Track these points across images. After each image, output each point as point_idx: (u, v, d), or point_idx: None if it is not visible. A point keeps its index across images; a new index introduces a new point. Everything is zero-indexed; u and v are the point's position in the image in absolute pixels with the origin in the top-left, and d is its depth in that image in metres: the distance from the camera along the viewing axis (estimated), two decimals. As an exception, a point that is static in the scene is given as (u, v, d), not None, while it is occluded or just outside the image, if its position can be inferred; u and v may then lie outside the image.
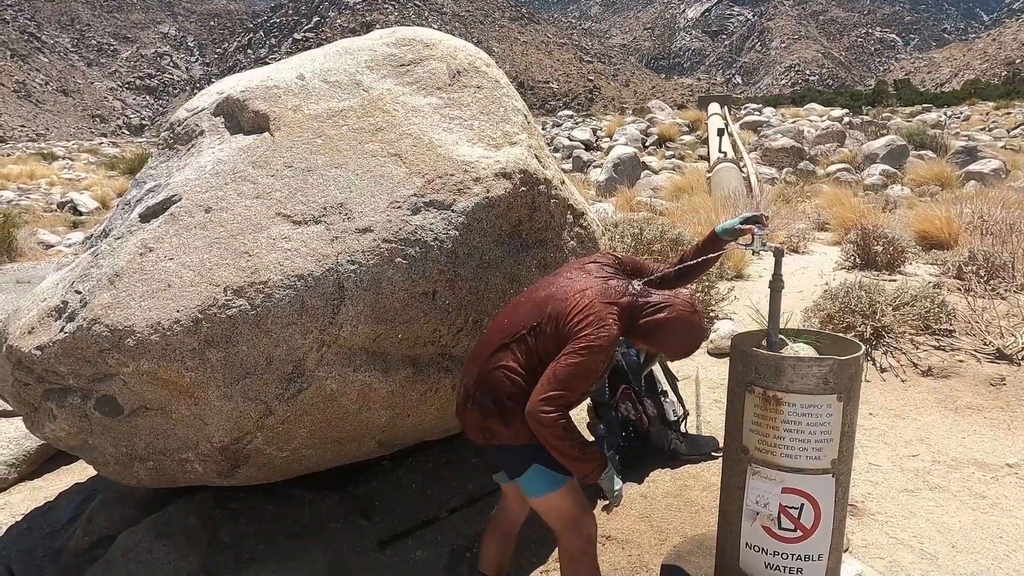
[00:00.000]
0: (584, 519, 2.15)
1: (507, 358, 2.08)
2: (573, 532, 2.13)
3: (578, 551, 2.15)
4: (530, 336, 2.08)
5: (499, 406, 2.06)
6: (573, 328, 2.01)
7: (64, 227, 13.72)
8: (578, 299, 2.06)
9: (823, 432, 2.10)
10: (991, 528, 2.88)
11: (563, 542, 2.16)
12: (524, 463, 2.07)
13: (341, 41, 3.29)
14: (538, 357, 2.05)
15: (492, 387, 2.08)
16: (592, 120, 29.77)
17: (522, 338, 2.09)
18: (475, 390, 2.11)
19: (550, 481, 2.08)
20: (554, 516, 2.14)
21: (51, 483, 3.75)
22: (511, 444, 2.07)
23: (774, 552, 2.18)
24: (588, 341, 1.97)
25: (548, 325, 2.06)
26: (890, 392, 4.06)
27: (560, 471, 2.07)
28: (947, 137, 19.04)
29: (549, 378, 1.97)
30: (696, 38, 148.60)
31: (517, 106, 3.08)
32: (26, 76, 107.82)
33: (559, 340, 2.02)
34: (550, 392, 1.95)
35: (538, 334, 2.07)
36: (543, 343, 2.06)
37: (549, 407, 1.93)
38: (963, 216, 7.01)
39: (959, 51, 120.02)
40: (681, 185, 12.52)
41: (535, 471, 2.07)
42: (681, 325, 2.13)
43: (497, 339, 2.14)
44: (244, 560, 2.86)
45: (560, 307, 2.07)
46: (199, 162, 2.81)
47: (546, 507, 2.13)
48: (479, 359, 2.16)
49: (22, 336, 2.61)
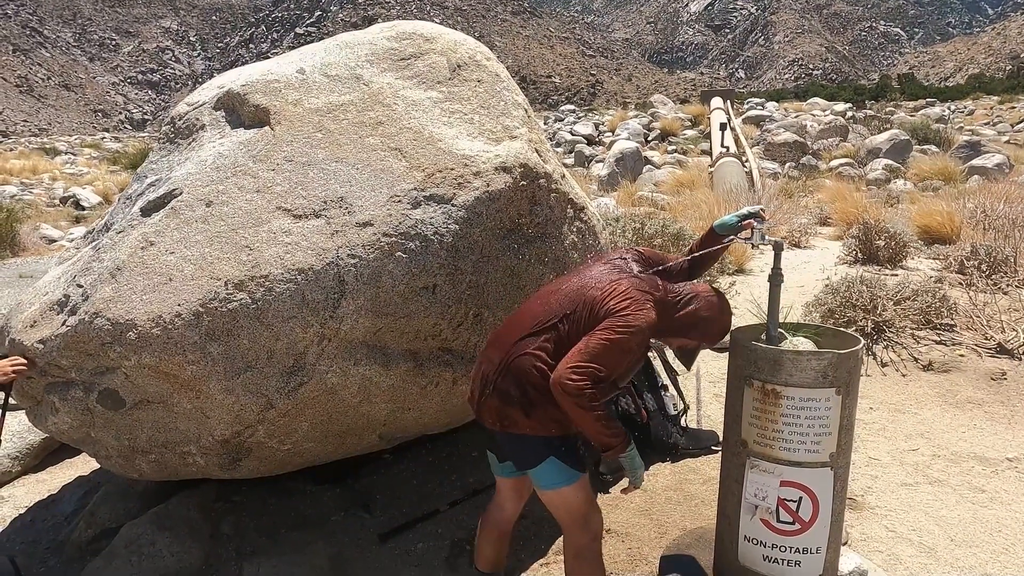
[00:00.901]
0: (593, 515, 2.14)
1: (535, 346, 2.04)
2: (582, 528, 2.12)
3: (585, 547, 2.13)
4: (562, 324, 2.05)
5: (523, 394, 2.02)
6: (612, 309, 1.99)
7: (67, 222, 13.75)
8: (614, 286, 2.06)
9: (821, 425, 2.11)
10: (990, 522, 2.88)
11: (570, 537, 2.15)
12: (539, 456, 2.04)
13: (342, 35, 3.28)
14: (568, 345, 2.01)
15: (517, 374, 2.03)
16: (594, 115, 29.68)
17: (553, 326, 2.06)
18: (496, 377, 2.07)
19: (564, 475, 2.06)
20: (564, 510, 2.11)
21: (54, 476, 3.77)
22: (528, 435, 2.03)
23: (772, 545, 2.19)
24: (626, 320, 1.97)
25: (583, 311, 2.04)
26: (890, 386, 4.06)
27: (574, 466, 2.07)
28: (951, 132, 18.96)
29: (580, 349, 1.94)
30: (699, 32, 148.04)
31: (517, 100, 3.08)
32: (28, 71, 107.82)
33: (593, 324, 2.00)
34: (579, 362, 1.91)
35: (571, 322, 2.04)
36: (575, 330, 2.03)
37: (577, 375, 1.90)
38: (966, 211, 6.99)
39: (963, 45, 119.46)
40: (683, 180, 12.49)
41: (550, 464, 2.04)
42: (713, 311, 2.17)
43: (524, 327, 2.10)
44: (246, 552, 2.87)
45: (595, 294, 2.06)
46: (200, 156, 2.82)
47: (557, 501, 2.10)
48: (502, 347, 2.11)
49: (24, 330, 2.62)
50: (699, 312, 2.15)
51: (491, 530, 2.39)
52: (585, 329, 2.01)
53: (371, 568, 2.80)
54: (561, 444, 2.05)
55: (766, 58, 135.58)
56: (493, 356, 2.12)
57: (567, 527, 2.14)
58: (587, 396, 1.90)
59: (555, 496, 2.09)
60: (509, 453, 2.16)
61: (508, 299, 2.84)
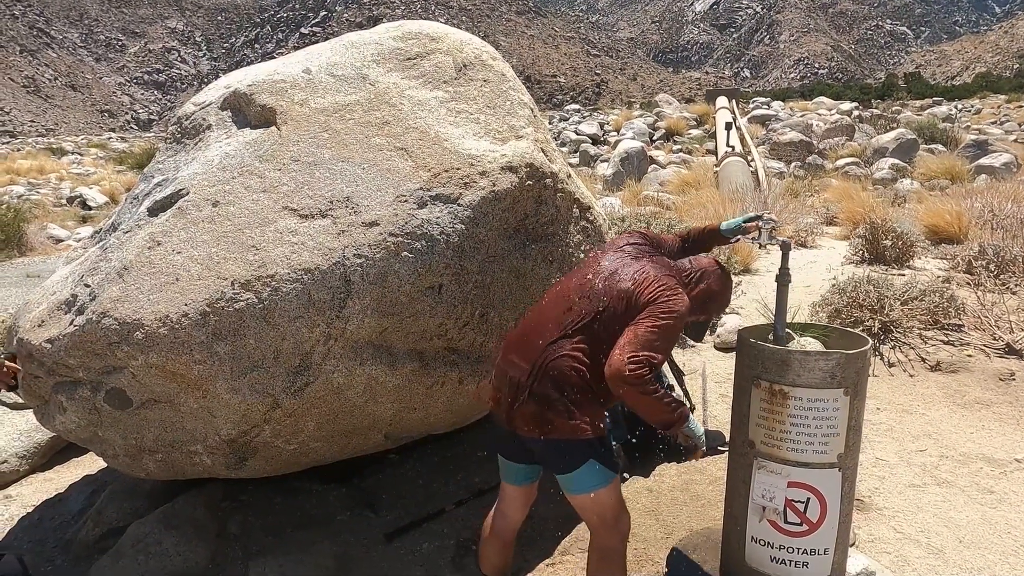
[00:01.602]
0: (623, 517, 2.13)
1: (570, 347, 2.02)
2: (613, 530, 2.10)
3: (612, 549, 2.12)
4: (595, 323, 2.03)
5: (564, 397, 1.99)
6: (651, 298, 2.00)
7: (73, 222, 13.81)
8: (643, 276, 2.07)
9: (829, 426, 2.10)
10: (999, 523, 2.86)
11: (599, 539, 2.12)
12: (581, 458, 2.01)
13: (348, 35, 3.29)
14: (602, 343, 1.99)
15: (557, 377, 2.00)
16: (599, 114, 29.64)
17: (586, 326, 2.04)
18: (531, 382, 2.02)
19: (602, 477, 2.04)
20: (597, 513, 2.08)
21: (62, 475, 3.78)
22: (569, 439, 2.00)
23: (780, 546, 2.18)
24: (668, 307, 1.99)
25: (617, 305, 2.03)
26: (898, 387, 4.04)
27: (611, 467, 2.06)
28: (958, 131, 18.86)
29: (630, 339, 1.93)
30: (704, 31, 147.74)
31: (523, 100, 3.07)
32: (35, 71, 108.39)
33: (633, 314, 2.00)
34: (634, 351, 1.90)
35: (605, 318, 2.03)
36: (612, 325, 2.01)
37: (635, 364, 1.88)
38: (973, 210, 6.95)
39: (970, 44, 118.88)
40: (688, 179, 12.44)
41: (589, 467, 2.01)
42: (722, 284, 2.28)
43: (551, 329, 2.07)
44: (252, 552, 2.88)
45: (627, 286, 2.06)
46: (206, 156, 2.82)
47: (591, 504, 2.07)
48: (529, 352, 2.07)
49: (32, 329, 2.64)
50: (711, 287, 2.24)
51: (495, 539, 2.36)
52: (623, 322, 2.00)
53: (377, 568, 2.80)
54: (600, 445, 2.04)
55: (771, 57, 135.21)
56: (520, 362, 2.08)
57: (597, 529, 2.12)
58: (647, 382, 1.90)
59: (590, 500, 2.06)
60: (546, 459, 2.10)
61: (514, 299, 2.83)
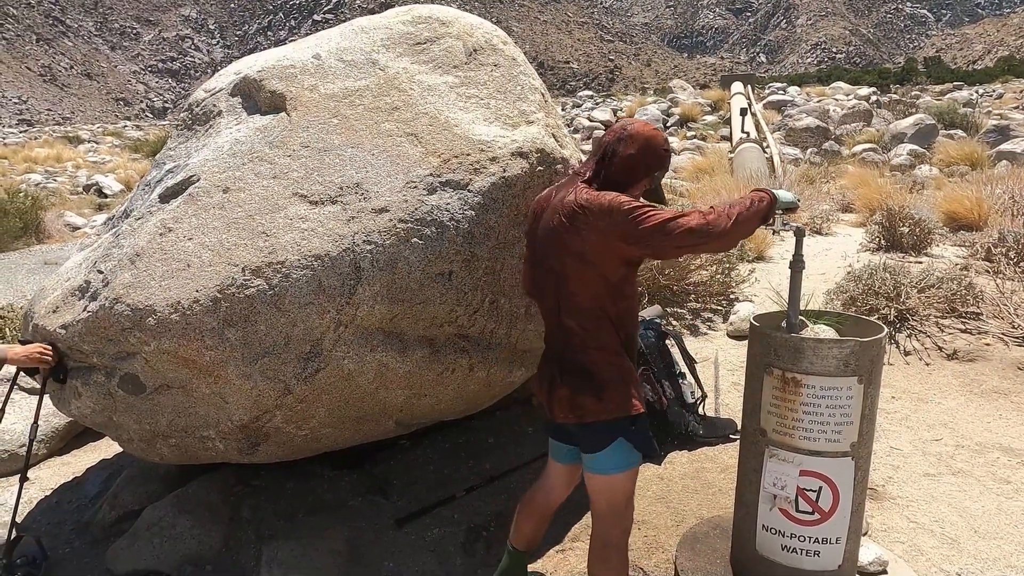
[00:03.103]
0: (629, 511, 2.12)
1: (578, 328, 2.02)
2: (618, 519, 2.10)
3: (614, 542, 2.11)
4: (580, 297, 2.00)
5: (587, 378, 2.00)
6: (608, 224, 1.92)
7: (90, 209, 13.95)
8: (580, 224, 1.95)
9: (843, 415, 2.07)
10: (1015, 514, 2.83)
11: (602, 528, 2.11)
12: (609, 438, 2.01)
13: (357, 20, 3.26)
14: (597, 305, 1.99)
15: (581, 361, 2.01)
16: (613, 100, 29.43)
17: (578, 305, 2.01)
18: (558, 371, 2.06)
19: (626, 459, 2.04)
20: (606, 499, 2.08)
21: (79, 459, 3.84)
22: (601, 420, 2.00)
23: (791, 535, 2.16)
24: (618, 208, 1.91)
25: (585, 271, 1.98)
26: (914, 375, 3.99)
27: (639, 447, 2.05)
28: (978, 116, 18.52)
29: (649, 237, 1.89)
30: (720, 16, 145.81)
31: (534, 84, 3.04)
32: (51, 60, 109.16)
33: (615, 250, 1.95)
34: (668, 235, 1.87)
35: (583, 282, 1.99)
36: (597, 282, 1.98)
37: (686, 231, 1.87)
38: (993, 197, 6.83)
39: (993, 26, 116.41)
40: (703, 166, 12.33)
41: (617, 446, 2.01)
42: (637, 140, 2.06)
43: (558, 315, 2.07)
44: (265, 535, 2.91)
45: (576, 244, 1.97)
46: (217, 142, 2.82)
47: (606, 486, 2.06)
48: (553, 341, 2.12)
49: (47, 315, 2.66)
50: (628, 153, 2.04)
51: (534, 512, 2.39)
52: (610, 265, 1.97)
53: (387, 552, 2.82)
54: (631, 423, 2.02)
55: (788, 42, 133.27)
56: (548, 353, 2.14)
57: (602, 516, 2.11)
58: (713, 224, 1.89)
59: (605, 482, 2.06)
60: (580, 439, 2.10)
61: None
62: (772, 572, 2.22)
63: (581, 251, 1.97)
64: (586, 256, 1.97)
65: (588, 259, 1.97)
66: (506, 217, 2.69)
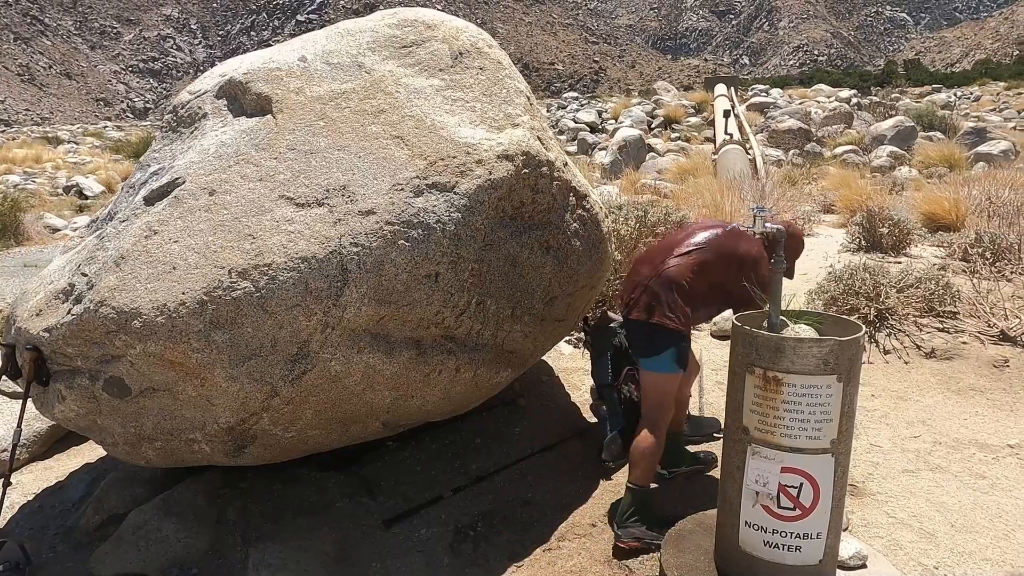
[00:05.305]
0: (672, 409, 2.82)
1: (685, 262, 2.72)
2: (664, 412, 2.76)
3: (660, 424, 2.74)
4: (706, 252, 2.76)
5: (670, 294, 2.67)
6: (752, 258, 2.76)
7: (70, 211, 13.76)
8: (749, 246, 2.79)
9: (823, 412, 2.12)
10: (991, 508, 2.90)
11: (652, 414, 2.75)
12: (666, 344, 2.68)
13: (343, 22, 3.28)
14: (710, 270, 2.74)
15: (670, 280, 2.69)
16: (597, 102, 29.51)
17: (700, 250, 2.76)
18: (649, 281, 2.72)
19: (676, 366, 2.71)
20: (659, 392, 2.74)
21: (62, 463, 3.80)
22: (665, 326, 2.65)
23: (773, 530, 2.20)
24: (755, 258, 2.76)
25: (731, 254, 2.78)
26: (893, 374, 4.07)
27: (682, 364, 2.73)
28: (956, 118, 18.83)
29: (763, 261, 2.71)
30: (703, 18, 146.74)
31: (520, 87, 3.07)
32: (30, 59, 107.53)
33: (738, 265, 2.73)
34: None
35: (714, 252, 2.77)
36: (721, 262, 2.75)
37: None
38: (971, 198, 6.96)
39: (970, 30, 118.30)
40: (687, 167, 12.43)
41: (671, 353, 2.68)
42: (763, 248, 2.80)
43: (668, 254, 2.78)
44: (252, 538, 2.91)
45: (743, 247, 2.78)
46: (202, 145, 2.82)
47: (661, 383, 2.74)
48: (653, 264, 2.78)
49: (30, 318, 2.64)
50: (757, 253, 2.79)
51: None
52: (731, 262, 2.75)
53: (375, 553, 2.83)
54: (683, 340, 2.71)
55: (771, 44, 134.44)
56: (644, 271, 2.80)
57: (654, 406, 2.75)
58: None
59: (661, 379, 2.73)
60: (641, 343, 2.81)
61: (510, 287, 2.84)
62: (755, 567, 2.26)
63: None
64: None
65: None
66: (492, 219, 2.71)
